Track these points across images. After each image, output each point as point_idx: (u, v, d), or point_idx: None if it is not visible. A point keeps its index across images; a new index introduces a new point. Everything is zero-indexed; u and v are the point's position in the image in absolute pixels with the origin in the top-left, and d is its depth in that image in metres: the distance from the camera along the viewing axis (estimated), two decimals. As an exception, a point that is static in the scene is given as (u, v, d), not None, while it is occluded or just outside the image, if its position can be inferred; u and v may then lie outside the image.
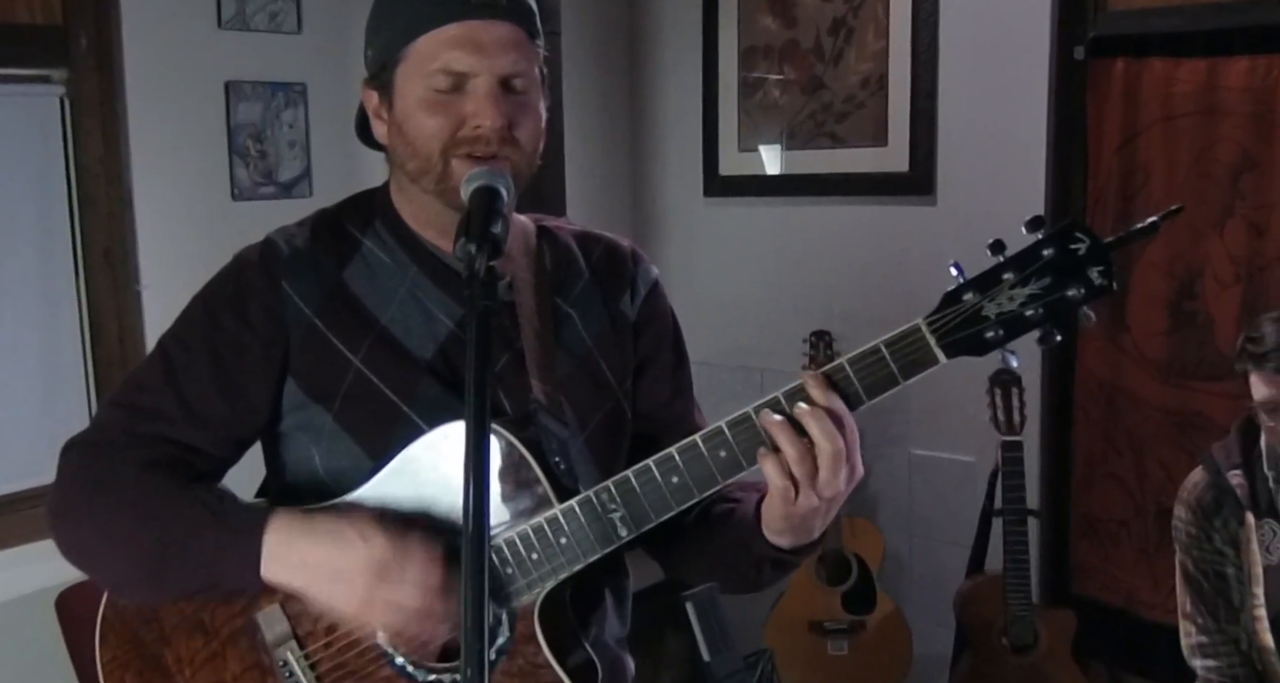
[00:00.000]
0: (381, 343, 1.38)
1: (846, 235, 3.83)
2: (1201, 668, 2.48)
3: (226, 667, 1.38)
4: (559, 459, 1.37)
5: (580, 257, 1.51)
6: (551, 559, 1.29)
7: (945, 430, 3.70)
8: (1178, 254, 3.29)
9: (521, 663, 1.31)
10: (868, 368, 1.20)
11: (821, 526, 1.29)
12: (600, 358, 1.47)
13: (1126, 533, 3.52)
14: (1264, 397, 2.26)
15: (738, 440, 1.23)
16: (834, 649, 3.63)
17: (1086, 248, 1.14)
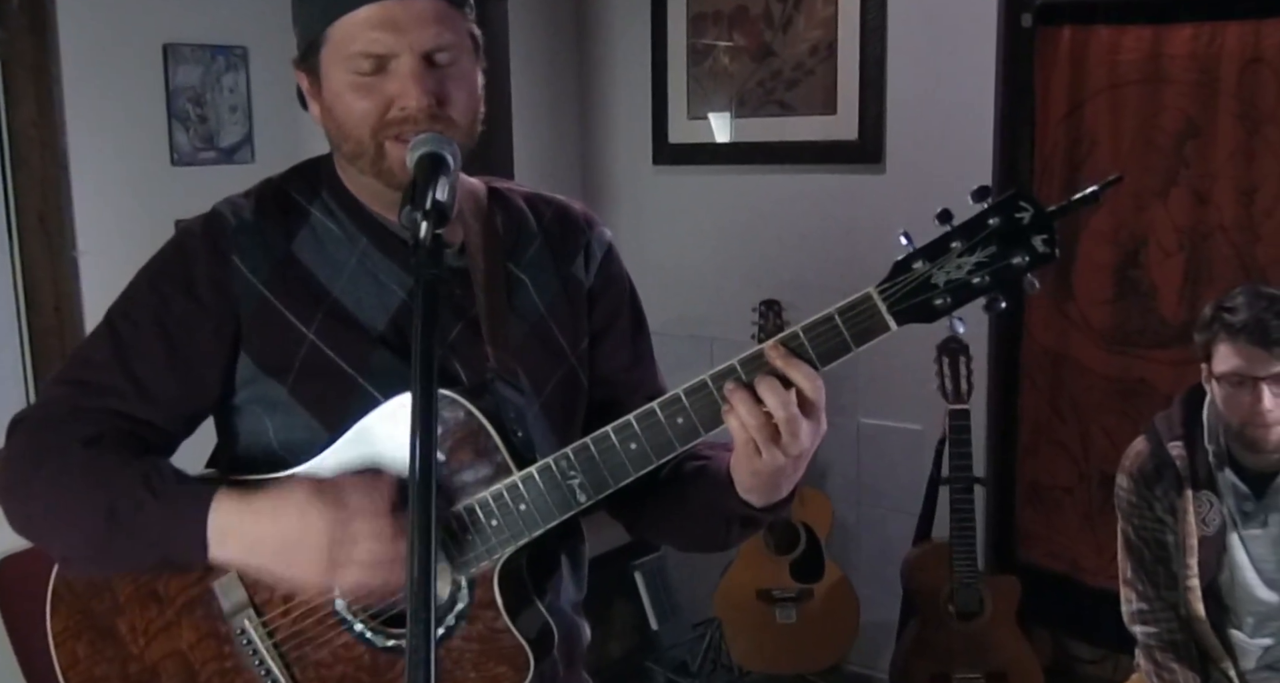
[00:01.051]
0: (334, 315, 1.36)
1: (796, 204, 3.82)
2: (1141, 634, 2.52)
3: (181, 636, 1.37)
4: (517, 427, 1.36)
5: (532, 219, 1.49)
6: (511, 526, 1.29)
7: (893, 399, 3.71)
8: (1123, 223, 3.31)
9: (481, 628, 1.32)
10: (821, 335, 1.22)
11: (789, 484, 1.31)
12: (553, 323, 1.45)
13: (1071, 500, 3.55)
14: (1233, 368, 2.26)
15: (695, 408, 1.24)
16: (782, 618, 3.65)
17: (1030, 216, 1.17)
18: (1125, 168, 3.27)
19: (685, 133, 4.00)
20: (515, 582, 1.35)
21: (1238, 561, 2.39)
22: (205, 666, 1.37)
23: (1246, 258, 3.12)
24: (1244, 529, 2.39)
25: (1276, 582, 2.40)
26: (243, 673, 1.37)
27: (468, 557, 1.31)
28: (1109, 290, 3.36)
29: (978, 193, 1.18)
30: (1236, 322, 2.25)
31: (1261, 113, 3.06)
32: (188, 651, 1.37)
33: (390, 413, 1.31)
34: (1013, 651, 3.32)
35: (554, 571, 1.46)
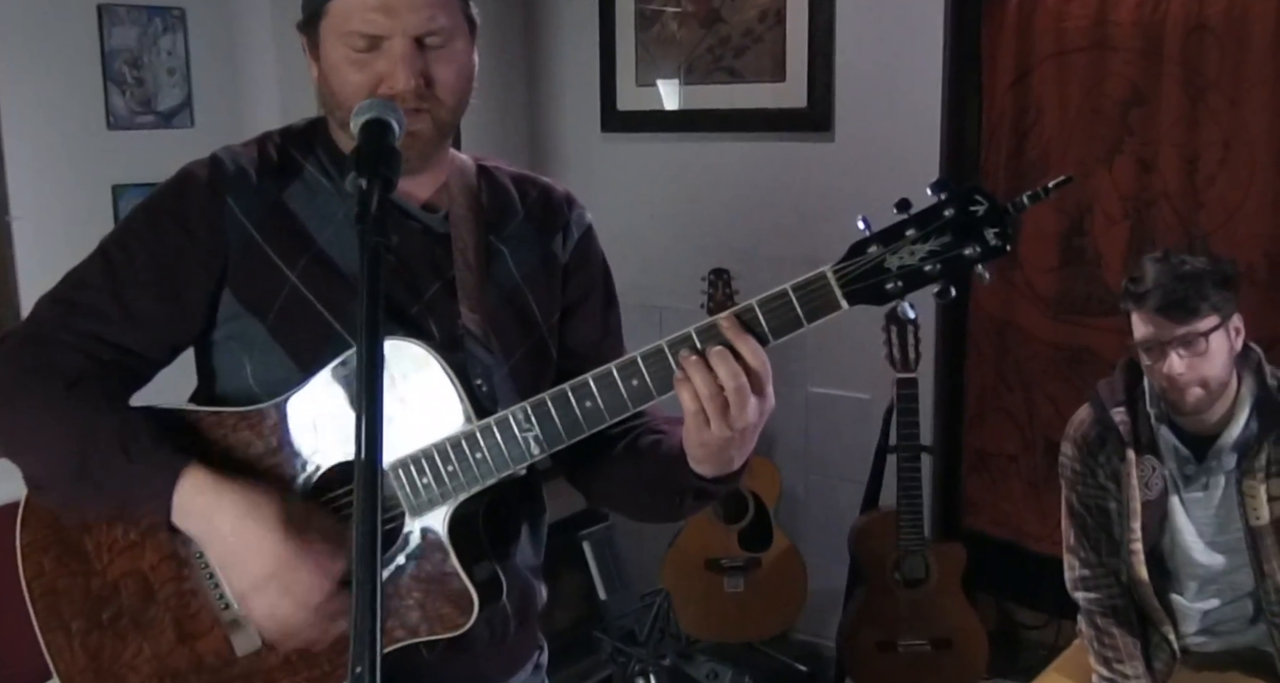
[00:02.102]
0: (318, 261, 1.43)
1: (745, 172, 3.81)
2: (1084, 600, 2.55)
3: (144, 556, 1.42)
4: (481, 382, 1.43)
5: (516, 197, 1.56)
6: (466, 473, 1.35)
7: (842, 368, 3.72)
8: (1068, 190, 3.30)
9: (429, 569, 1.38)
10: (775, 310, 1.25)
11: (740, 457, 1.35)
12: (529, 293, 1.52)
13: (1016, 467, 3.58)
14: (1144, 336, 2.31)
15: (650, 371, 1.29)
16: (730, 587, 3.66)
17: (985, 210, 1.20)
18: (1071, 136, 3.29)
19: (634, 100, 3.97)
20: (467, 529, 1.40)
21: (1179, 524, 2.42)
22: (164, 586, 1.42)
23: (1190, 225, 3.15)
24: (1185, 492, 2.41)
25: (1216, 545, 2.43)
26: (199, 595, 1.42)
27: (422, 500, 1.36)
28: (1054, 258, 3.38)
29: (936, 185, 1.22)
30: (1141, 290, 2.29)
31: (1205, 80, 3.08)
32: (148, 571, 1.43)
33: None
34: (957, 617, 3.35)
35: (514, 535, 1.52)
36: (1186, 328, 2.25)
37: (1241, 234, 3.06)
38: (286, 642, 1.37)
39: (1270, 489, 2.34)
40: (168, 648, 1.43)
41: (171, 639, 1.43)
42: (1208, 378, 2.28)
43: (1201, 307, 2.25)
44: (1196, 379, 2.28)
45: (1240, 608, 2.49)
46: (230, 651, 1.42)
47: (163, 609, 1.43)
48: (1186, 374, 2.27)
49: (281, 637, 1.37)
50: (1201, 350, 2.26)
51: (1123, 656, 2.46)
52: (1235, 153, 3.07)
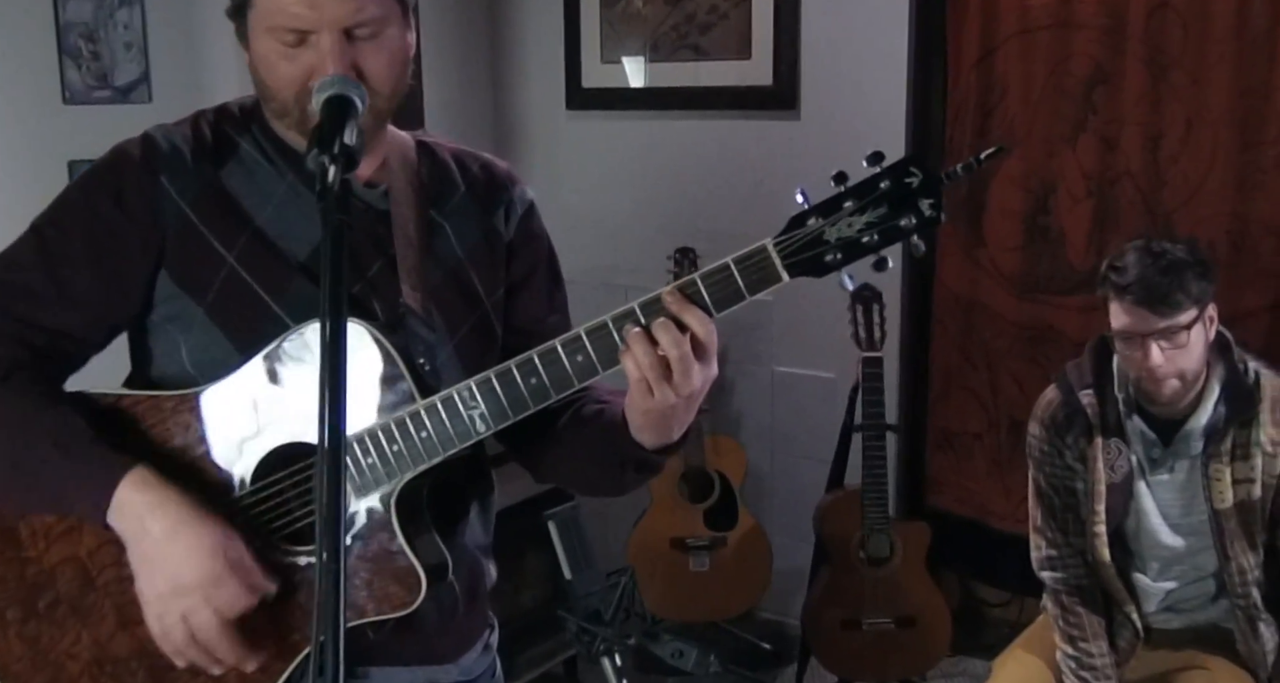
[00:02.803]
0: (256, 241, 1.41)
1: (711, 150, 3.79)
2: (1049, 579, 2.55)
3: (81, 542, 1.40)
4: (424, 361, 1.42)
5: (457, 172, 1.55)
6: (411, 452, 1.34)
7: (807, 348, 3.72)
8: (1033, 169, 3.32)
9: (376, 548, 1.37)
10: (718, 283, 1.27)
11: (680, 426, 1.36)
12: (471, 270, 1.51)
13: (980, 446, 3.59)
14: (1122, 325, 2.29)
15: (594, 346, 1.30)
16: (695, 566, 3.66)
17: (919, 181, 1.23)
18: (1035, 114, 3.29)
19: (599, 77, 3.94)
20: (413, 508, 1.39)
21: (1144, 507, 2.43)
22: (103, 572, 1.40)
23: (1153, 204, 3.16)
24: (1151, 475, 2.42)
25: (1181, 527, 2.44)
26: None
27: (368, 479, 1.35)
28: (1019, 237, 3.39)
29: (872, 157, 1.24)
30: (1123, 281, 2.27)
31: (1168, 58, 3.09)
32: (86, 557, 1.40)
33: (302, 340, 1.36)
34: (922, 595, 3.36)
35: (463, 514, 1.51)
36: (1168, 322, 2.24)
37: (1203, 212, 3.07)
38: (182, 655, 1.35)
39: (1235, 473, 2.35)
40: (108, 635, 1.40)
41: (112, 626, 1.40)
42: (1185, 370, 2.28)
43: (1183, 300, 2.23)
44: (1175, 372, 2.27)
45: (1202, 587, 2.51)
46: None
47: (102, 596, 1.40)
48: (1165, 366, 2.26)
49: (175, 654, 1.35)
50: (1182, 343, 2.25)
51: (1087, 635, 2.48)
52: (1197, 131, 3.08)
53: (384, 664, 1.47)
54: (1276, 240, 3.03)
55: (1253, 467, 2.34)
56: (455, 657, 1.54)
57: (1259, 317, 3.04)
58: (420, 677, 1.51)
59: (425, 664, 1.51)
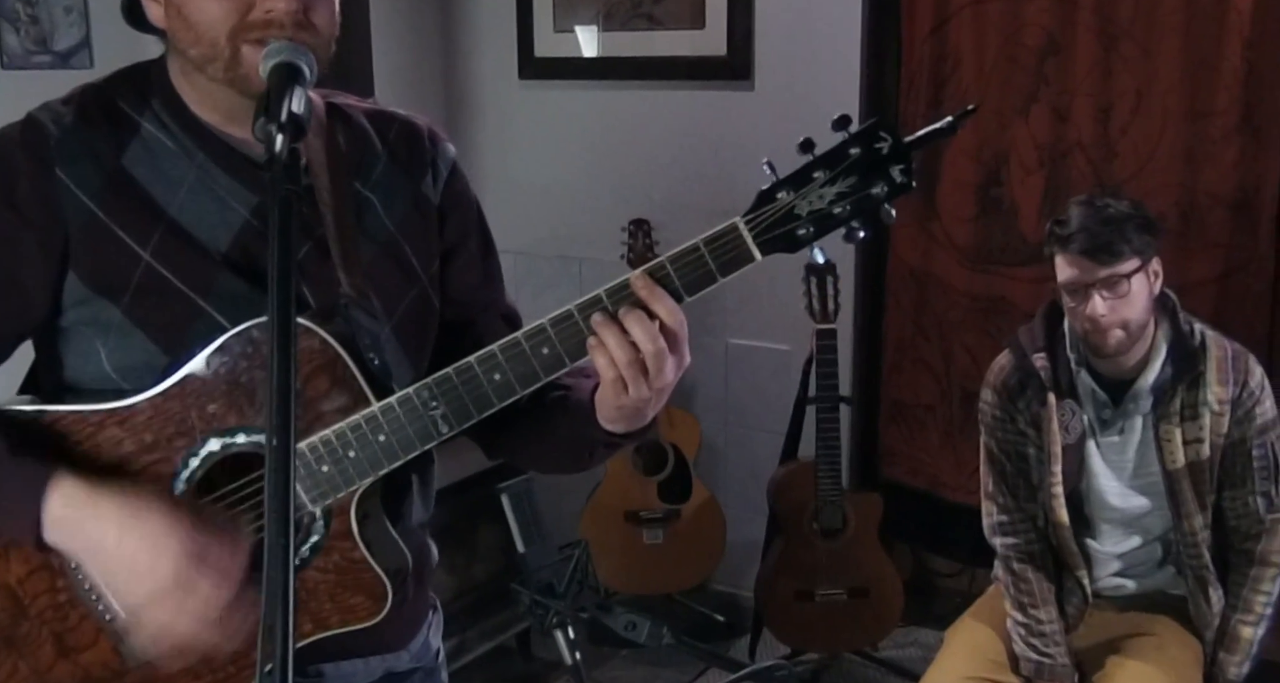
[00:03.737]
0: (172, 234, 1.28)
1: (665, 121, 3.77)
2: (1001, 545, 2.57)
3: (10, 569, 1.29)
4: (373, 355, 1.32)
5: (375, 137, 1.42)
6: (370, 457, 1.26)
7: (761, 320, 3.71)
8: (985, 140, 3.32)
9: (337, 559, 1.30)
10: (688, 266, 1.21)
11: (654, 411, 1.30)
12: (405, 244, 1.40)
13: (933, 417, 3.60)
14: (1067, 278, 2.33)
15: (560, 338, 1.23)
16: (649, 539, 3.65)
17: (889, 147, 1.18)
18: (988, 85, 3.28)
19: (551, 46, 3.89)
20: (372, 513, 1.32)
21: (1095, 469, 2.45)
22: (36, 599, 1.30)
23: (1103, 175, 3.16)
24: (1102, 437, 2.44)
25: (1132, 489, 2.46)
26: (77, 607, 1.30)
27: (324, 488, 1.27)
28: (971, 208, 3.39)
29: (838, 122, 1.19)
30: (1066, 233, 2.32)
31: (1118, 28, 3.08)
32: (16, 585, 1.30)
33: (241, 341, 1.25)
34: (874, 566, 3.37)
35: (405, 492, 1.43)
36: (1109, 270, 2.28)
37: (1153, 184, 3.08)
38: (181, 658, 1.27)
39: (1185, 433, 2.38)
40: (47, 664, 1.30)
41: (51, 655, 1.30)
42: (1129, 320, 2.31)
43: (1124, 249, 2.28)
44: (1118, 321, 2.30)
45: (1150, 552, 2.53)
46: (120, 660, 1.30)
47: (37, 624, 1.30)
48: (1109, 316, 2.29)
49: (176, 654, 1.26)
50: (1124, 293, 2.29)
51: (1038, 601, 2.49)
52: (1147, 102, 3.08)
53: (338, 659, 1.40)
54: (1225, 211, 3.05)
55: (1201, 427, 2.37)
56: (406, 642, 1.49)
57: (1207, 287, 3.06)
58: (376, 668, 1.45)
59: (379, 654, 1.45)
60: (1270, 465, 2.40)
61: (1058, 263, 2.36)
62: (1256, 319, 3.05)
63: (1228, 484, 2.42)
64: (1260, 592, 2.42)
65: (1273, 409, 2.41)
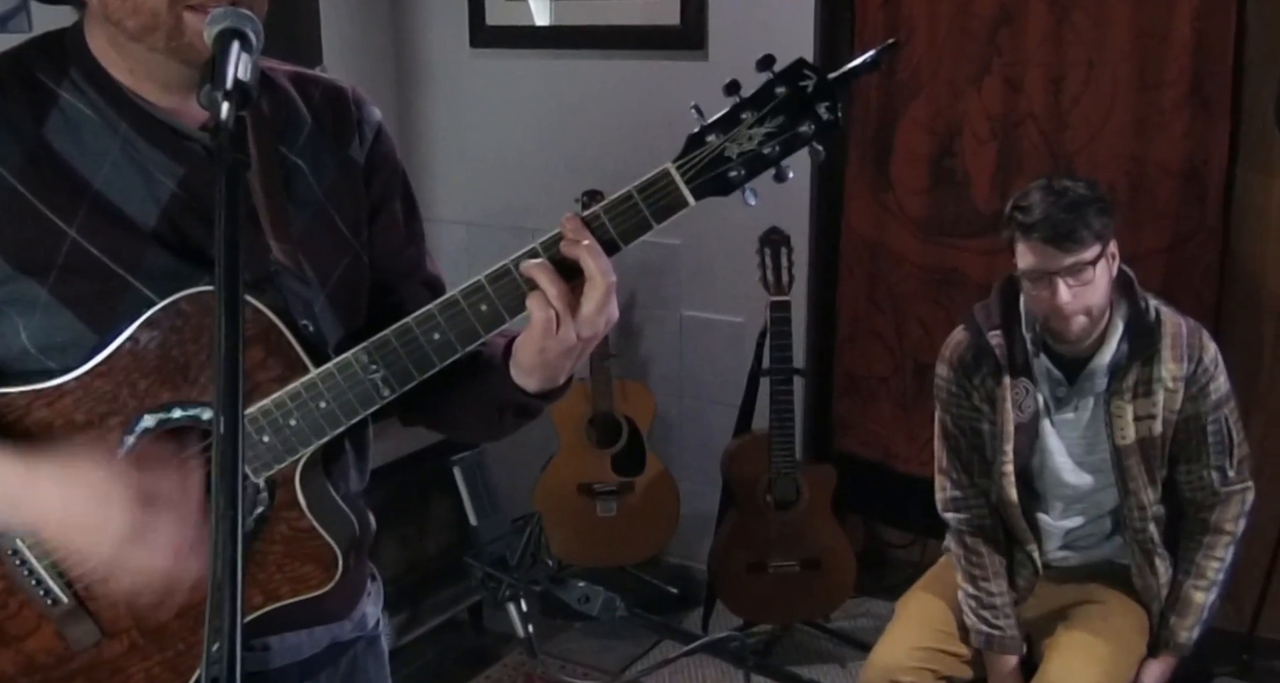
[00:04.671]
0: (97, 210, 1.24)
1: (619, 91, 3.74)
2: (953, 520, 2.58)
3: None
4: (306, 322, 1.30)
5: (300, 101, 1.39)
6: (311, 425, 1.25)
7: (716, 292, 3.70)
8: (939, 111, 3.32)
9: (284, 529, 1.29)
10: (622, 214, 1.21)
11: (568, 370, 1.30)
12: (334, 210, 1.38)
13: (886, 389, 3.61)
14: (1029, 265, 2.31)
15: (499, 294, 1.23)
16: (603, 511, 3.64)
17: (814, 84, 1.19)
18: (941, 55, 3.27)
19: (504, 15, 3.84)
20: (316, 480, 1.31)
21: (1049, 446, 2.46)
22: None
23: (1055, 146, 3.17)
24: (1056, 415, 2.45)
25: (1084, 466, 2.47)
26: (17, 595, 1.27)
27: (267, 459, 1.26)
28: (925, 180, 3.38)
29: (762, 62, 1.19)
30: (1029, 220, 2.29)
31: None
32: None
33: (173, 315, 1.23)
34: (827, 538, 3.38)
35: (339, 457, 1.41)
36: (1074, 258, 2.26)
37: (1104, 155, 3.09)
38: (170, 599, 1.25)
39: (1136, 409, 2.39)
40: None
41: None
42: (1092, 306, 2.30)
43: (1087, 235, 2.26)
44: (1082, 308, 2.30)
45: (1100, 525, 2.55)
46: (65, 646, 1.28)
47: None
48: (1073, 303, 2.28)
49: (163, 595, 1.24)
50: (1088, 279, 2.28)
51: (988, 574, 2.51)
52: (1099, 72, 3.09)
53: (282, 632, 1.38)
54: (1174, 182, 3.06)
55: (1154, 403, 2.38)
56: (348, 612, 1.47)
57: (1157, 257, 3.08)
58: (322, 638, 1.44)
59: (323, 624, 1.43)
60: (1224, 440, 2.42)
61: (1019, 249, 2.33)
62: (1205, 290, 3.08)
63: (1183, 459, 2.44)
64: (1214, 558, 2.44)
65: (1226, 384, 2.42)
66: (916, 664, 2.47)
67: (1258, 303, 3.14)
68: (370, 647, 1.53)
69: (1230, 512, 2.45)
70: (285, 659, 1.40)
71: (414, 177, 1.51)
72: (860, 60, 1.19)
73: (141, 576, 1.20)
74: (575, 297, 1.21)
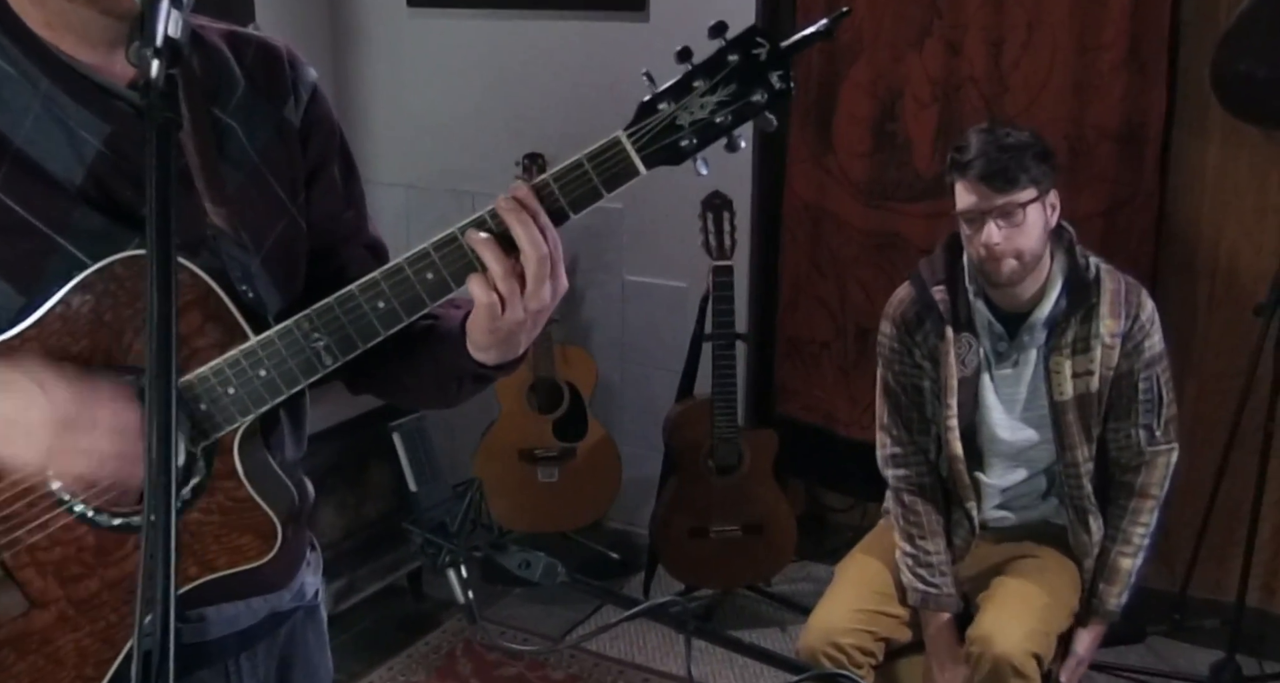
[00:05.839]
0: (19, 168, 1.20)
1: (559, 52, 3.69)
2: (893, 477, 2.59)
3: None
4: (245, 287, 1.27)
5: (233, 60, 1.36)
6: (251, 394, 1.22)
7: (658, 257, 3.68)
8: (880, 75, 3.30)
9: (221, 499, 1.25)
10: (572, 182, 1.19)
11: (526, 341, 1.27)
12: (269, 172, 1.35)
13: (828, 354, 3.61)
14: (965, 205, 2.34)
15: (445, 262, 1.20)
16: (544, 477, 3.63)
17: (766, 53, 1.17)
18: (882, 17, 3.26)
19: (442, -27, 3.78)
20: (254, 450, 1.28)
21: (987, 402, 2.48)
22: None
23: (995, 109, 3.17)
24: (996, 369, 2.47)
25: (1020, 422, 2.50)
26: None
27: (204, 427, 1.22)
28: (867, 143, 3.38)
29: (714, 28, 1.17)
30: (965, 159, 2.33)
31: (1010, -40, 3.08)
32: None
33: (105, 278, 1.19)
34: (768, 502, 3.39)
35: (275, 426, 1.38)
36: (1006, 199, 2.29)
37: (1043, 118, 3.10)
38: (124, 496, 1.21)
39: (1075, 366, 2.41)
40: None
41: None
42: (1023, 250, 2.33)
43: (1021, 178, 2.29)
44: (1012, 251, 2.32)
45: (1035, 485, 2.58)
46: None
47: None
48: (1003, 245, 2.31)
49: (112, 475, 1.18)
50: (1019, 222, 2.30)
51: (926, 532, 2.52)
52: (1038, 35, 3.09)
53: (219, 602, 1.35)
54: (1112, 145, 3.08)
55: (1092, 360, 2.40)
56: (287, 582, 1.44)
57: (1094, 221, 3.09)
58: (260, 609, 1.41)
59: (261, 595, 1.40)
60: (1154, 398, 2.45)
61: (957, 190, 2.36)
62: (1141, 253, 3.10)
63: (1112, 416, 2.47)
64: (1139, 523, 2.48)
65: (1160, 343, 2.45)
66: (855, 626, 2.48)
67: (1193, 266, 3.17)
68: (309, 617, 1.51)
69: (1155, 475, 2.48)
70: (223, 630, 1.37)
71: (351, 139, 1.48)
72: (814, 28, 1.17)
73: (92, 456, 1.16)
74: (520, 270, 1.19)
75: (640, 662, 3.29)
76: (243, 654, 1.40)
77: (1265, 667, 3.09)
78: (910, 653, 2.58)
